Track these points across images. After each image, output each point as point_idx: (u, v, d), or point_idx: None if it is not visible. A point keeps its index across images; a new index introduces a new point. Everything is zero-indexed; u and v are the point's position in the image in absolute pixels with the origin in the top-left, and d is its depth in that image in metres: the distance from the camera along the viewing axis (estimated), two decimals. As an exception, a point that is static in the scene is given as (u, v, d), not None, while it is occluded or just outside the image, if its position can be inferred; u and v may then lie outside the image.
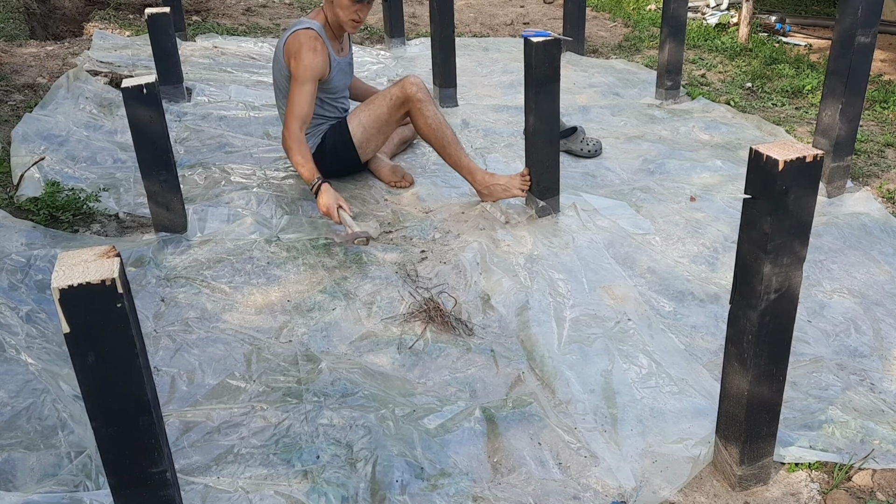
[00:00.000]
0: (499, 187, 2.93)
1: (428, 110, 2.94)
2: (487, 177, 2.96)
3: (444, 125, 2.96)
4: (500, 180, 2.95)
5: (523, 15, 6.81)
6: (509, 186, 2.92)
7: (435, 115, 2.94)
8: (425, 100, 2.94)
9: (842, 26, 2.96)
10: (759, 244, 1.50)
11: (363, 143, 3.08)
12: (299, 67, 2.86)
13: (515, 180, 2.92)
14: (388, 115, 3.01)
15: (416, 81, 2.95)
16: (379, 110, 3.02)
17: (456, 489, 1.74)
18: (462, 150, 2.98)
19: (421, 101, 2.93)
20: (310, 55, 2.86)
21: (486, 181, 2.95)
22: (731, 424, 1.72)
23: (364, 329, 2.35)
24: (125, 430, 1.21)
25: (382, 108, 3.01)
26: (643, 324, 2.36)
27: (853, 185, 3.33)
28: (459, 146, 2.98)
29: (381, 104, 3.01)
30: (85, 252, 1.16)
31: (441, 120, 2.95)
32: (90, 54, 4.67)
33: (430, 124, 2.94)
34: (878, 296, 2.55)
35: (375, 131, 3.07)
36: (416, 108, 2.94)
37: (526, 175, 2.86)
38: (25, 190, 2.94)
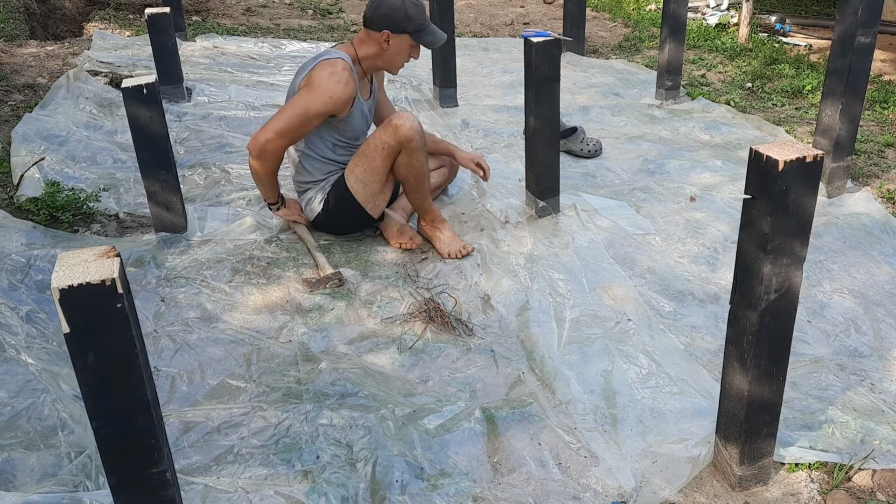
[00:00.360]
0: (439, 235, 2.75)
1: (414, 155, 2.60)
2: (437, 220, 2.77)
3: (425, 172, 2.66)
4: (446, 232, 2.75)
5: (523, 15, 6.81)
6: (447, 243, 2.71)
7: (419, 161, 2.62)
8: (418, 149, 2.59)
9: (842, 26, 2.96)
10: (759, 244, 1.50)
11: (368, 199, 2.70)
12: (317, 94, 2.50)
13: (457, 245, 2.72)
14: (384, 166, 2.63)
15: (410, 125, 2.55)
16: (373, 163, 2.63)
17: (456, 489, 1.74)
18: (427, 196, 2.75)
19: (412, 150, 2.58)
20: (337, 87, 2.50)
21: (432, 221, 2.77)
22: (731, 424, 1.72)
23: (364, 329, 2.35)
24: (125, 430, 1.21)
25: (376, 160, 2.62)
26: (643, 324, 2.36)
27: (853, 185, 3.33)
28: (427, 191, 2.74)
29: (375, 156, 2.62)
30: (85, 252, 1.16)
31: (423, 166, 2.64)
32: (90, 54, 4.67)
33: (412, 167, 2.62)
34: (878, 296, 2.55)
35: (378, 185, 2.69)
36: (406, 155, 2.60)
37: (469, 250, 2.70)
38: (25, 190, 2.94)
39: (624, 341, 2.27)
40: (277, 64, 4.97)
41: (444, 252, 2.69)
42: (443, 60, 4.19)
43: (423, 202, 2.75)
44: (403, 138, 2.55)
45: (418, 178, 2.66)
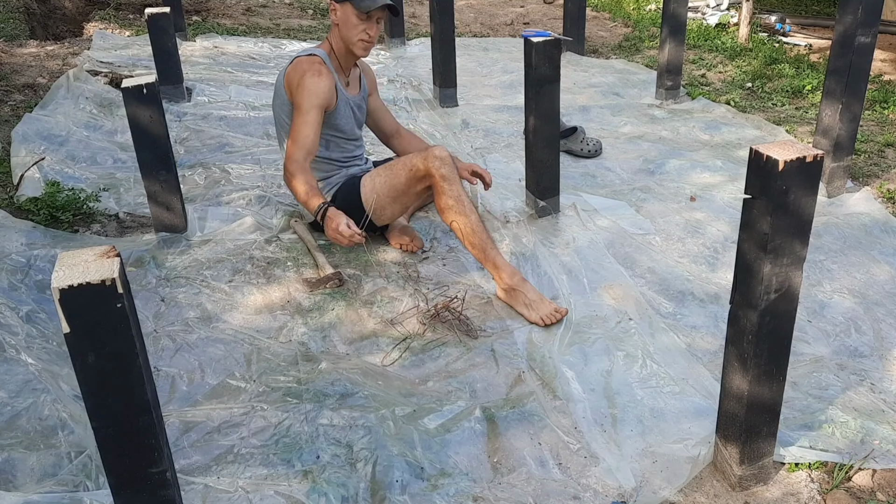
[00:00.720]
0: (522, 297, 2.39)
1: (451, 190, 2.48)
2: (517, 280, 2.43)
3: (468, 208, 2.48)
4: (528, 292, 2.40)
5: (523, 15, 6.81)
6: (534, 306, 2.37)
7: (460, 197, 2.48)
8: (449, 177, 2.48)
9: (842, 26, 2.96)
10: (759, 244, 1.50)
11: (376, 211, 2.65)
12: (302, 93, 2.54)
13: (546, 306, 2.36)
14: (406, 186, 2.57)
15: (441, 155, 2.50)
16: (396, 179, 2.58)
17: (456, 489, 1.74)
18: (489, 241, 2.48)
19: (445, 179, 2.48)
20: (313, 79, 2.54)
21: (513, 282, 2.42)
22: (731, 424, 1.72)
23: (364, 329, 2.35)
24: (125, 430, 1.21)
25: (401, 176, 2.57)
26: (643, 324, 2.36)
27: (853, 185, 3.33)
28: (486, 235, 2.48)
29: (401, 172, 2.57)
30: (85, 252, 1.16)
31: (466, 203, 2.49)
32: (90, 54, 4.67)
33: (453, 208, 2.48)
34: (878, 296, 2.55)
35: (390, 200, 2.63)
36: (438, 186, 2.49)
37: (561, 314, 2.35)
38: (25, 190, 2.94)
39: (624, 341, 2.27)
40: (277, 64, 4.97)
41: (532, 318, 2.35)
42: (443, 60, 4.19)
43: (484, 253, 2.46)
44: (432, 166, 2.49)
45: (457, 212, 2.47)
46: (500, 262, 2.45)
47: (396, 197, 2.62)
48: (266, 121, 3.94)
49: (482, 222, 2.50)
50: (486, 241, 2.46)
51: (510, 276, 2.42)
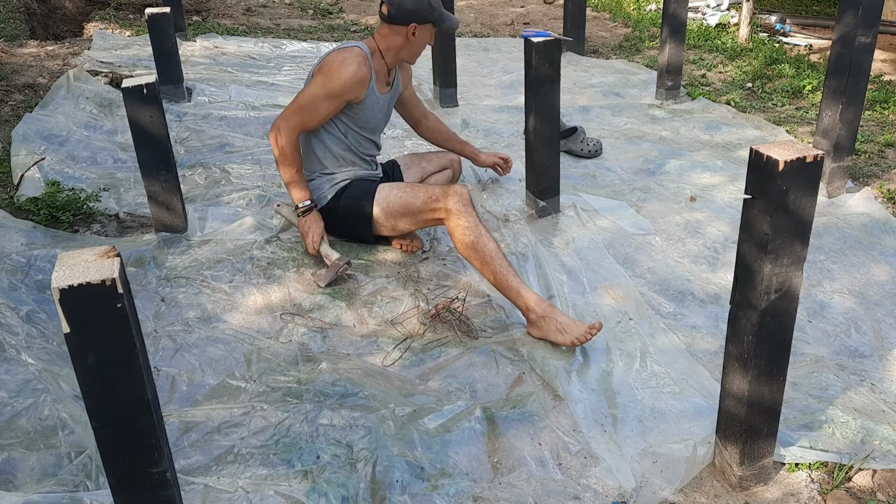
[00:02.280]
0: (554, 325, 2.24)
1: (468, 222, 2.42)
2: (544, 306, 2.28)
3: (485, 238, 2.40)
4: (559, 317, 2.25)
5: (524, 15, 6.81)
6: (567, 330, 2.22)
7: (476, 227, 2.41)
8: (466, 212, 2.43)
9: (842, 26, 2.96)
10: (759, 244, 1.50)
11: (381, 220, 2.65)
12: (332, 76, 2.52)
13: (579, 328, 2.21)
14: (420, 210, 2.55)
15: (460, 191, 2.47)
16: (414, 199, 2.56)
17: (456, 489, 1.74)
18: (510, 269, 2.36)
19: (461, 213, 2.43)
20: (349, 67, 2.51)
21: (541, 311, 2.27)
22: (731, 424, 1.72)
23: (364, 329, 2.35)
24: (125, 430, 1.21)
25: (418, 198, 2.55)
26: (643, 324, 2.36)
27: (853, 185, 3.33)
28: (506, 263, 2.38)
29: (419, 195, 2.55)
30: (85, 252, 1.16)
31: (482, 232, 2.41)
32: (90, 54, 4.67)
33: (468, 237, 2.40)
34: (878, 296, 2.55)
35: (400, 216, 2.61)
36: (453, 222, 2.44)
37: (596, 330, 2.19)
38: (26, 190, 2.94)
39: (624, 341, 2.27)
40: (277, 64, 4.97)
41: (567, 343, 2.21)
42: (443, 60, 4.19)
43: (503, 281, 2.35)
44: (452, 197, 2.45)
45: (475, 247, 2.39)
46: (524, 292, 2.32)
47: (406, 215, 2.60)
48: (266, 121, 3.94)
49: (501, 252, 2.40)
50: (506, 272, 2.35)
51: (537, 303, 2.28)
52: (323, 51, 5.32)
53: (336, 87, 2.53)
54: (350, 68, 2.52)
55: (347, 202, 2.68)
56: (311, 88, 2.57)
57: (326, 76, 2.54)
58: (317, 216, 2.63)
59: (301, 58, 5.17)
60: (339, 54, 2.57)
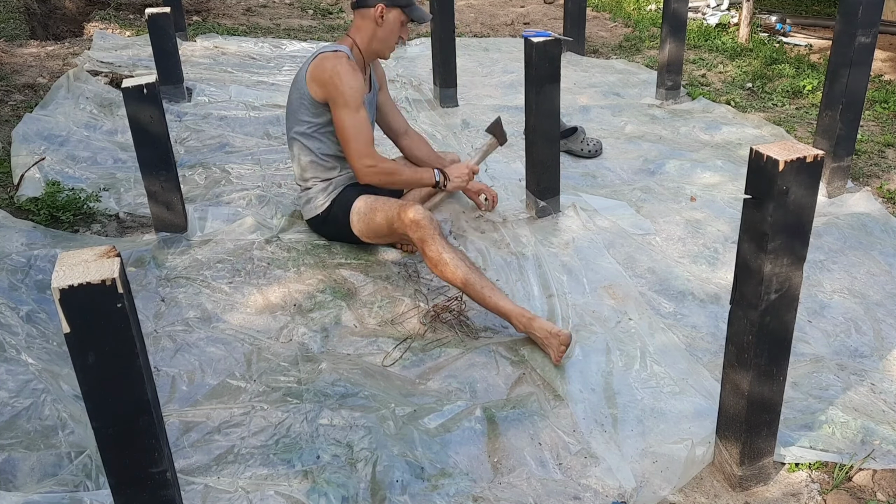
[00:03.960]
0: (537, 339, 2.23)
1: (435, 253, 2.34)
2: (524, 320, 2.25)
3: (462, 268, 2.32)
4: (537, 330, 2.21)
5: (524, 15, 6.81)
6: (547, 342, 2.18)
7: (444, 258, 2.33)
8: (427, 239, 2.36)
9: (842, 26, 2.96)
10: (759, 244, 1.50)
11: (361, 234, 2.65)
12: (344, 90, 2.48)
13: (554, 340, 2.17)
14: (387, 230, 2.56)
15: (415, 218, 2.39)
16: (379, 220, 2.56)
17: (456, 489, 1.74)
18: (490, 288, 2.31)
19: (423, 242, 2.37)
20: (352, 75, 2.49)
21: (522, 326, 2.25)
22: (731, 424, 1.72)
23: (364, 329, 2.35)
24: (125, 430, 1.21)
25: (383, 220, 2.55)
26: (643, 324, 2.36)
27: (853, 185, 3.33)
28: (485, 283, 2.32)
29: (383, 216, 2.55)
30: (85, 252, 1.16)
31: (455, 261, 2.32)
32: (90, 54, 4.67)
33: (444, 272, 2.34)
34: (878, 296, 2.55)
35: (373, 234, 2.63)
36: (419, 248, 2.41)
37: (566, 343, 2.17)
38: (26, 190, 2.94)
39: (624, 341, 2.27)
40: (278, 64, 4.97)
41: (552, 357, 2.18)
42: (443, 60, 4.19)
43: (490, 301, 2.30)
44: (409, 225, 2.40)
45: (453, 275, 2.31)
46: (508, 310, 2.27)
47: (378, 232, 2.61)
48: (266, 121, 3.94)
49: (474, 271, 2.34)
50: (490, 293, 2.30)
51: (517, 320, 2.26)
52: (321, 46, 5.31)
53: (357, 95, 2.51)
54: (347, 72, 2.50)
55: (334, 213, 2.68)
56: (344, 116, 2.51)
57: (340, 92, 2.50)
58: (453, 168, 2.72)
59: (301, 58, 5.17)
60: (322, 65, 2.53)
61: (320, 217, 2.72)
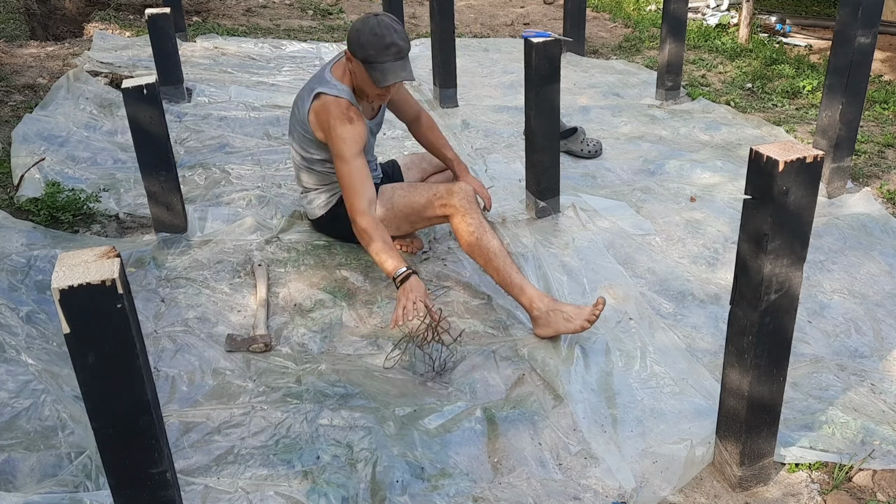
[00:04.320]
0: (560, 316, 2.24)
1: (472, 219, 2.43)
2: (547, 301, 2.29)
3: (489, 235, 2.41)
4: (563, 307, 2.26)
5: (524, 15, 6.81)
6: (573, 317, 2.23)
7: (481, 223, 2.42)
8: (471, 210, 2.45)
9: (842, 26, 2.96)
10: (759, 244, 1.50)
11: (385, 222, 2.56)
12: (342, 144, 2.41)
13: (584, 311, 2.22)
14: (424, 209, 2.53)
15: (464, 189, 2.48)
16: (418, 198, 2.54)
17: (456, 489, 1.74)
18: (513, 266, 2.38)
19: (467, 212, 2.44)
20: (348, 128, 2.42)
21: (544, 305, 2.28)
22: (731, 425, 1.72)
23: (364, 329, 2.35)
24: (125, 431, 1.21)
25: (422, 197, 2.53)
26: (643, 324, 2.36)
27: (853, 185, 3.33)
28: (509, 260, 2.39)
29: (423, 194, 2.54)
30: (85, 252, 1.16)
31: (487, 229, 2.43)
32: (90, 55, 4.67)
33: (473, 235, 2.40)
34: (878, 296, 2.55)
35: (403, 218, 2.59)
36: (459, 219, 2.44)
37: (600, 305, 2.22)
38: (26, 190, 2.94)
39: (624, 341, 2.27)
40: (277, 64, 4.97)
41: (577, 328, 2.22)
42: (443, 61, 4.19)
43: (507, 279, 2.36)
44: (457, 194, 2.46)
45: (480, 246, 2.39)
46: (527, 287, 2.33)
47: (409, 216, 2.57)
48: (266, 121, 3.94)
49: (505, 250, 2.41)
50: (508, 266, 2.36)
51: (539, 298, 2.29)
52: (323, 52, 5.31)
53: (357, 144, 2.43)
54: (348, 123, 2.42)
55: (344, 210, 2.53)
56: (338, 165, 2.44)
57: (332, 143, 2.44)
58: (418, 281, 2.29)
59: (301, 58, 5.17)
60: (326, 110, 2.44)
61: (325, 217, 2.71)
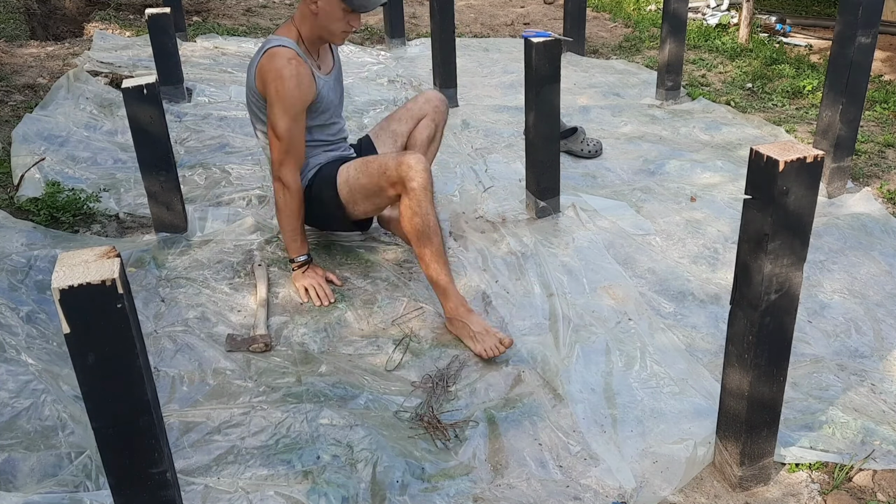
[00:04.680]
0: (467, 330, 2.24)
1: (418, 205, 2.28)
2: (461, 310, 2.28)
3: (433, 229, 2.30)
4: (473, 324, 2.24)
5: (524, 15, 6.81)
6: (478, 338, 2.21)
7: (427, 213, 2.29)
8: (419, 190, 2.28)
9: (842, 26, 2.96)
10: (759, 244, 1.50)
11: (350, 203, 2.50)
12: (284, 96, 2.34)
13: (491, 338, 2.20)
14: (378, 187, 2.39)
15: (414, 164, 2.29)
16: (369, 178, 2.40)
17: (456, 490, 1.74)
18: (444, 264, 2.33)
19: (413, 191, 2.28)
20: (292, 82, 2.34)
21: (456, 314, 2.28)
22: (731, 425, 1.72)
23: (364, 329, 2.35)
24: (125, 431, 1.21)
25: (373, 176, 2.38)
26: (644, 324, 2.36)
27: (853, 185, 3.33)
28: (442, 257, 2.32)
29: (374, 171, 2.39)
30: (85, 252, 1.16)
31: (431, 221, 2.30)
32: (90, 55, 4.67)
33: (415, 223, 2.30)
34: (878, 296, 2.55)
35: (363, 198, 2.47)
36: (406, 198, 2.31)
37: (507, 344, 2.19)
38: (26, 190, 2.94)
39: (624, 341, 2.27)
40: (278, 64, 4.96)
41: (476, 350, 2.21)
42: (443, 61, 4.19)
43: (436, 274, 2.32)
44: (405, 169, 2.29)
45: (421, 234, 2.29)
46: (449, 289, 2.31)
47: (369, 196, 2.45)
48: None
49: (443, 245, 2.34)
50: (441, 267, 2.31)
51: (455, 306, 2.29)
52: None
53: (296, 103, 2.37)
54: (290, 77, 2.34)
55: (316, 191, 2.52)
56: (277, 121, 2.37)
57: (278, 97, 2.36)
58: (314, 270, 2.47)
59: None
60: (269, 63, 2.36)
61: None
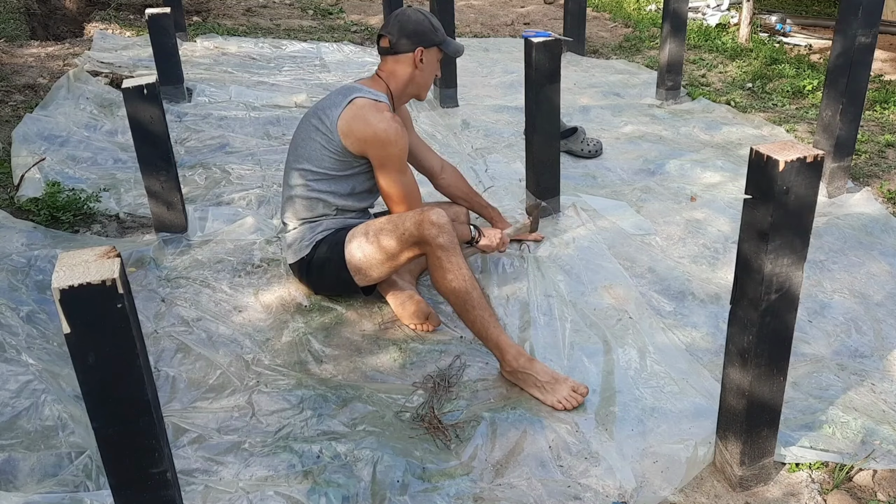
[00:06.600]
0: (532, 380, 2.05)
1: (450, 262, 2.12)
2: (522, 360, 2.07)
3: (470, 283, 2.12)
4: (540, 374, 2.05)
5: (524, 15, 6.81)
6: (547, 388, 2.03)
7: (460, 269, 2.12)
8: (448, 247, 2.13)
9: (842, 26, 2.96)
10: (759, 244, 1.50)
11: (361, 269, 2.30)
12: (397, 155, 2.27)
13: (563, 388, 2.02)
14: (397, 250, 2.22)
15: (437, 220, 2.14)
16: (387, 241, 2.22)
17: (456, 490, 1.74)
18: (492, 317, 2.12)
19: (442, 249, 2.12)
20: (401, 136, 2.26)
21: (519, 365, 2.07)
22: (731, 424, 1.72)
23: (365, 329, 2.35)
24: (125, 431, 1.21)
25: (391, 240, 2.22)
26: (644, 324, 2.36)
27: (854, 185, 3.33)
28: (486, 310, 2.12)
29: (391, 235, 2.22)
30: (85, 252, 1.16)
31: (466, 276, 2.12)
32: (91, 55, 4.67)
33: (451, 282, 2.12)
34: (878, 296, 2.55)
35: (378, 263, 2.27)
36: (435, 257, 2.14)
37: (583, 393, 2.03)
38: (26, 190, 2.94)
39: (625, 341, 2.27)
40: (278, 64, 4.97)
41: (548, 402, 2.01)
42: (443, 61, 4.19)
43: (483, 330, 2.12)
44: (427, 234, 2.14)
45: (459, 292, 2.12)
46: (503, 343, 2.10)
47: (385, 261, 2.26)
48: (266, 121, 3.94)
49: (483, 297, 2.15)
50: (487, 320, 2.12)
51: (515, 357, 2.08)
52: (323, 52, 5.31)
53: (405, 150, 2.31)
54: (398, 132, 2.27)
55: (322, 253, 2.35)
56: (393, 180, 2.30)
57: (388, 157, 2.28)
58: (487, 230, 2.61)
59: (301, 58, 5.17)
60: (373, 118, 2.26)
61: (306, 259, 2.39)
